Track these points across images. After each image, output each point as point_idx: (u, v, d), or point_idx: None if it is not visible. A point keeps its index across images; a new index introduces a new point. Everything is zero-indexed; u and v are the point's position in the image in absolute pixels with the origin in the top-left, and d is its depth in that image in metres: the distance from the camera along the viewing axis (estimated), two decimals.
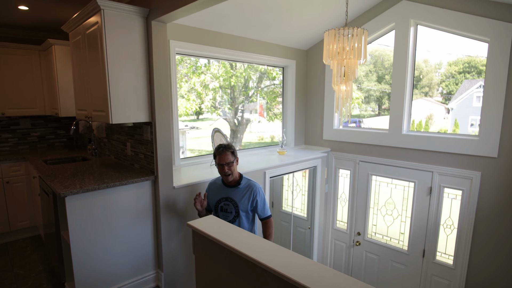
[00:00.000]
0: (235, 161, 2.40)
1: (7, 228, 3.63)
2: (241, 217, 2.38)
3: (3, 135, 4.12)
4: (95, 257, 2.32)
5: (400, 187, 3.89)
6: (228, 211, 2.40)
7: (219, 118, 4.31)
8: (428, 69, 3.98)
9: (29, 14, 3.32)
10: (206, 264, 1.50)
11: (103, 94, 2.31)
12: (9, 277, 2.90)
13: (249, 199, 2.38)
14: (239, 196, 2.38)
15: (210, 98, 4.18)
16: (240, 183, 2.41)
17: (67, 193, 2.12)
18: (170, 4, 2.14)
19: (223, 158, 2.34)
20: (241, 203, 2.38)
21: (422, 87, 4.01)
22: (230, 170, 2.36)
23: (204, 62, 3.93)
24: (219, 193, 2.45)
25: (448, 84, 3.93)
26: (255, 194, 2.38)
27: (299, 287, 1.05)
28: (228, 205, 2.40)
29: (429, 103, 4.00)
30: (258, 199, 2.39)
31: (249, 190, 2.39)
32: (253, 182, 2.44)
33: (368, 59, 4.28)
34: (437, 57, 3.86)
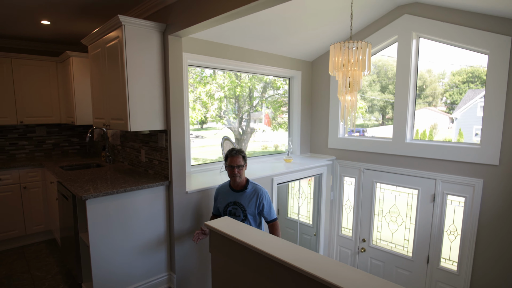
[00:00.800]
0: (244, 165, 2.53)
1: (23, 232, 3.76)
2: (249, 220, 2.49)
3: (20, 142, 4.28)
4: (112, 258, 2.43)
5: (404, 195, 3.97)
6: (236, 215, 2.50)
7: (223, 127, 4.42)
8: (432, 79, 4.03)
9: (49, 28, 3.51)
10: (222, 261, 1.62)
11: (122, 104, 2.46)
12: (26, 278, 3.01)
13: (255, 203, 2.48)
14: (246, 200, 2.49)
15: (216, 107, 4.31)
16: (247, 188, 2.52)
17: (88, 196, 2.25)
18: (186, 21, 2.31)
19: (235, 160, 2.47)
20: (248, 207, 2.49)
21: (425, 96, 4.05)
22: (239, 173, 2.48)
23: (209, 72, 4.07)
24: (227, 198, 2.56)
25: (452, 94, 3.97)
26: (261, 198, 2.49)
27: (312, 278, 1.16)
28: (236, 209, 2.50)
29: (433, 112, 4.05)
30: (264, 202, 2.50)
31: (256, 194, 2.50)
32: (259, 187, 2.55)
33: (371, 69, 4.42)
34: (440, 67, 3.93)
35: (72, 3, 2.67)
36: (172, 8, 2.45)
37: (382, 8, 3.70)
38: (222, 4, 2.01)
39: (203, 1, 2.17)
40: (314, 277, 1.15)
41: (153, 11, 2.64)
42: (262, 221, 2.65)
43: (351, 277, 1.12)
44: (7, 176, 3.62)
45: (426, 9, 3.51)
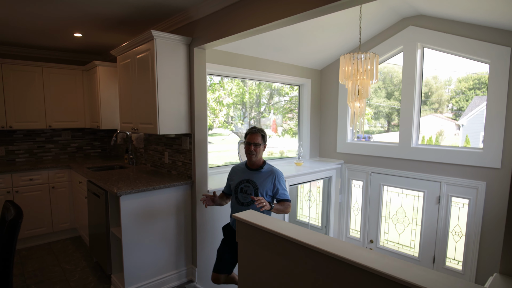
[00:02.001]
0: (262, 145, 2.48)
1: (50, 229, 4.02)
2: None
3: (47, 145, 4.57)
4: (141, 251, 2.66)
5: (411, 197, 4.15)
6: (247, 193, 2.46)
7: (230, 134, 4.57)
8: (438, 86, 4.11)
9: (80, 40, 3.81)
10: (248, 247, 1.84)
11: (152, 109, 2.72)
12: (57, 271, 3.25)
13: (271, 183, 2.44)
14: (260, 179, 2.45)
15: (224, 113, 4.51)
16: (262, 168, 2.50)
17: (122, 193, 2.49)
18: (210, 35, 2.57)
19: (253, 137, 2.44)
20: (262, 186, 2.43)
21: (431, 103, 4.13)
22: (256, 151, 2.43)
23: (218, 79, 4.28)
24: (241, 175, 2.53)
25: (458, 101, 4.02)
26: (278, 179, 2.45)
27: (333, 257, 1.38)
28: (248, 186, 2.46)
29: (439, 119, 4.13)
30: (279, 185, 2.45)
31: (272, 174, 2.46)
32: (275, 168, 2.52)
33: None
34: (446, 74, 3.98)
35: (106, 18, 2.95)
36: (198, 23, 2.71)
37: (388, 20, 3.93)
38: (245, 22, 2.27)
39: (227, 18, 2.43)
40: (329, 253, 1.37)
41: (179, 25, 2.91)
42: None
43: (365, 256, 1.33)
44: (38, 176, 3.89)
45: (430, 21, 3.74)
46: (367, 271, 1.25)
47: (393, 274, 1.16)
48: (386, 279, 1.19)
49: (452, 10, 3.37)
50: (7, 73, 3.89)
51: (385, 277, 1.18)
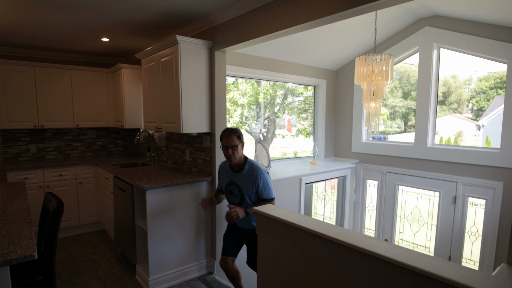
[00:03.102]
0: (240, 145, 2.41)
1: (77, 222, 4.26)
2: (246, 201, 2.43)
3: (74, 143, 4.83)
4: (164, 242, 2.82)
5: (426, 197, 4.17)
6: (235, 194, 2.48)
7: (244, 133, 4.68)
8: (457, 85, 4.05)
9: (107, 44, 4.03)
10: (268, 239, 1.96)
11: (176, 109, 2.88)
12: (85, 261, 3.46)
13: (252, 183, 2.39)
14: (243, 181, 2.42)
15: (239, 113, 4.62)
16: (243, 168, 2.44)
17: (148, 187, 2.66)
18: (231, 39, 2.71)
19: (229, 140, 2.37)
20: (245, 188, 2.41)
21: (450, 103, 4.08)
22: (234, 154, 2.38)
23: (232, 80, 4.40)
24: (227, 177, 2.54)
25: (478, 100, 3.97)
26: (257, 178, 2.38)
27: (349, 246, 1.49)
28: (234, 189, 2.47)
29: (458, 119, 4.09)
30: (260, 183, 2.39)
31: (252, 175, 2.40)
32: (255, 166, 2.43)
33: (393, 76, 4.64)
34: (466, 73, 3.90)
35: (133, 23, 3.14)
36: (219, 28, 2.86)
37: (404, 21, 3.97)
38: (264, 28, 2.39)
39: (247, 24, 2.56)
40: (344, 243, 1.48)
41: (201, 30, 3.07)
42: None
43: (378, 245, 1.42)
44: (67, 172, 4.13)
45: (446, 21, 3.76)
46: (379, 259, 1.35)
47: (403, 260, 1.25)
48: (397, 266, 1.29)
49: (469, 11, 3.39)
50: (39, 75, 4.15)
51: (396, 264, 1.28)
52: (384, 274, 1.35)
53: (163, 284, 2.83)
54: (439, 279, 1.13)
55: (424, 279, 1.20)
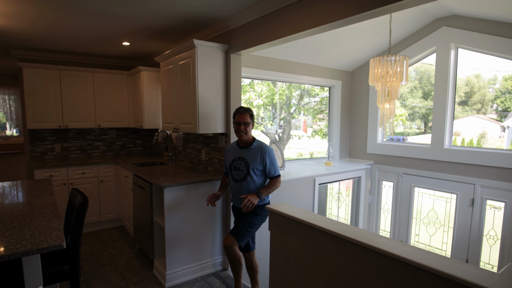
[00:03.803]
0: (251, 124, 2.57)
1: (98, 219, 4.45)
2: (251, 174, 2.54)
3: (96, 143, 5.04)
4: (181, 238, 2.93)
5: (443, 199, 4.12)
6: (240, 169, 2.58)
7: (260, 134, 4.72)
8: (481, 85, 3.92)
9: (127, 48, 4.20)
10: (280, 236, 2.02)
11: (192, 110, 2.99)
12: (106, 255, 3.62)
13: (260, 158, 2.53)
14: (251, 156, 2.55)
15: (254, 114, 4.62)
16: (252, 144, 2.59)
17: (166, 185, 2.77)
18: (246, 42, 2.79)
19: (242, 117, 2.52)
20: (252, 162, 2.54)
21: (473, 103, 3.96)
22: (246, 130, 2.53)
23: (248, 81, 4.46)
24: (234, 154, 2.66)
25: (504, 101, 3.83)
26: (264, 154, 2.53)
27: (356, 243, 1.53)
28: (240, 164, 2.58)
29: (482, 120, 3.97)
30: (267, 159, 2.53)
31: (260, 150, 2.55)
32: (264, 144, 2.60)
33: (412, 75, 4.58)
34: (491, 72, 3.77)
35: (152, 28, 3.27)
36: (234, 32, 2.95)
37: (420, 21, 3.94)
38: (279, 31, 2.46)
39: (262, 27, 2.63)
40: (357, 241, 1.52)
41: (217, 34, 3.16)
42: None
43: (386, 242, 1.46)
44: (89, 170, 4.33)
45: (464, 21, 3.70)
46: (386, 256, 1.39)
47: (409, 257, 1.29)
48: (403, 262, 1.32)
49: (489, 11, 3.33)
50: (64, 78, 4.37)
51: (402, 260, 1.32)
52: (393, 271, 1.39)
53: (179, 279, 2.93)
54: (443, 276, 1.16)
55: (429, 276, 1.23)
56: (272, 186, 2.56)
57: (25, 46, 4.12)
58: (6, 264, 1.79)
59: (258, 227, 2.63)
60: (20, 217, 1.90)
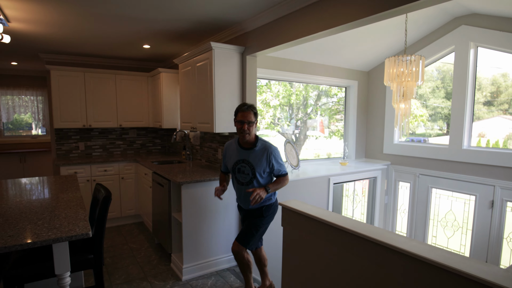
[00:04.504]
0: (255, 122, 2.38)
1: (118, 214, 4.63)
2: (257, 178, 2.41)
3: (117, 142, 5.25)
4: (198, 234, 3.03)
5: (461, 200, 4.04)
6: (245, 173, 2.43)
7: (276, 135, 4.76)
8: (508, 84, 3.80)
9: (147, 50, 4.36)
10: (292, 232, 2.08)
11: (209, 110, 3.09)
12: (126, 249, 3.78)
13: (266, 161, 2.37)
14: (255, 159, 2.39)
15: (271, 115, 4.72)
16: (256, 145, 2.41)
17: (183, 182, 2.88)
18: (262, 44, 2.86)
19: (245, 115, 2.32)
20: (258, 166, 2.38)
21: (500, 103, 3.84)
22: (249, 130, 2.34)
23: (265, 82, 4.51)
24: (235, 155, 2.49)
25: None
26: (270, 156, 2.37)
27: (368, 239, 1.57)
28: (245, 167, 2.41)
29: (509, 121, 3.86)
30: (274, 161, 2.38)
31: (265, 152, 2.38)
32: (268, 144, 2.43)
33: (434, 75, 4.49)
34: None
35: (172, 32, 3.40)
36: (250, 34, 3.03)
37: (438, 20, 3.90)
38: (293, 33, 2.52)
39: (277, 29, 2.70)
40: (369, 238, 1.57)
41: (233, 36, 3.26)
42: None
43: (399, 240, 1.50)
44: (111, 168, 4.52)
45: (484, 19, 3.64)
46: (397, 251, 1.43)
47: (416, 252, 1.32)
48: (411, 257, 1.36)
49: (508, 8, 3.27)
50: (88, 80, 4.59)
51: (409, 255, 1.35)
52: (407, 269, 1.42)
53: (195, 273, 3.04)
54: (450, 270, 1.19)
55: (437, 271, 1.26)
56: (280, 183, 2.45)
57: (53, 50, 4.36)
58: (38, 250, 1.93)
59: (265, 228, 2.57)
60: (49, 209, 2.05)
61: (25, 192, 2.61)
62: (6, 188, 2.70)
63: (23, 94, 6.43)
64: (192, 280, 2.99)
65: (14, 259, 1.89)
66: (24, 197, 2.42)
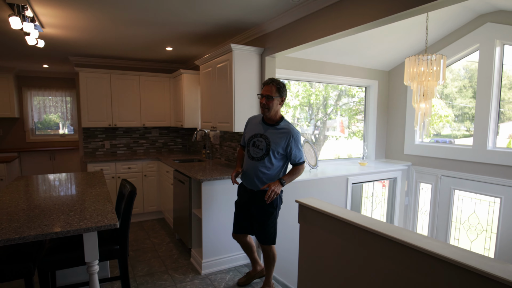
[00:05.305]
0: (277, 98, 2.29)
1: (141, 210, 4.81)
2: (270, 156, 2.33)
3: (140, 141, 5.45)
4: (217, 229, 3.12)
5: (485, 202, 3.93)
6: (259, 148, 2.35)
7: None
8: None
9: (170, 52, 4.51)
10: (309, 229, 2.12)
11: (229, 110, 3.18)
12: (148, 243, 3.93)
13: (286, 141, 2.30)
14: (275, 136, 2.32)
15: (291, 115, 4.74)
16: (279, 124, 2.36)
17: (203, 179, 2.98)
18: (281, 45, 2.92)
19: (266, 89, 2.29)
20: (275, 143, 2.30)
21: None
22: (268, 105, 2.28)
23: (284, 82, 4.51)
24: (255, 129, 2.44)
25: None
26: (291, 138, 2.30)
27: (383, 236, 1.59)
28: (261, 142, 2.35)
29: None
30: (293, 145, 2.31)
31: (287, 133, 2.31)
32: (292, 127, 2.36)
33: (461, 74, 4.37)
34: None
35: (193, 34, 3.52)
36: (269, 35, 3.09)
37: (462, 18, 3.81)
38: (312, 34, 2.56)
39: (296, 31, 2.75)
40: (384, 234, 1.59)
41: (252, 38, 3.33)
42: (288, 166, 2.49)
43: (417, 238, 1.51)
44: (134, 166, 4.70)
45: (510, 16, 3.53)
46: (407, 247, 1.44)
47: (426, 247, 1.34)
48: (439, 259, 1.37)
49: None
50: (114, 81, 4.79)
51: (439, 257, 1.37)
52: (426, 268, 1.44)
53: (214, 267, 3.13)
54: (459, 265, 1.20)
55: (450, 267, 1.27)
56: (296, 173, 2.36)
57: (81, 53, 4.59)
58: (69, 240, 2.07)
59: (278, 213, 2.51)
60: (79, 202, 2.19)
61: (57, 187, 2.79)
62: (40, 183, 2.89)
63: (52, 95, 6.78)
64: (211, 275, 3.08)
65: (47, 248, 2.03)
66: (56, 191, 2.59)
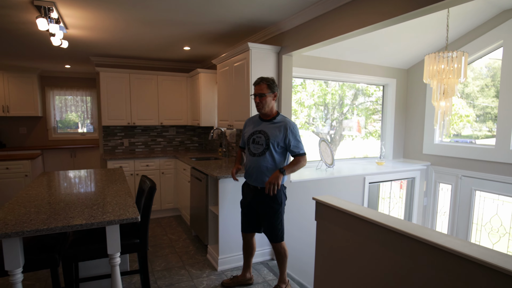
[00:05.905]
0: (269, 95, 2.37)
1: (158, 207, 4.90)
2: (270, 149, 2.39)
3: (158, 139, 5.55)
4: (233, 226, 3.15)
5: (508, 204, 3.81)
6: (259, 143, 2.42)
7: (311, 135, 4.74)
8: None
9: (187, 52, 4.59)
10: (326, 226, 2.12)
11: (245, 109, 3.20)
12: (165, 239, 4.01)
13: (283, 133, 2.37)
14: (272, 130, 2.40)
15: (305, 114, 4.72)
16: (275, 118, 2.45)
17: (220, 177, 3.02)
18: (298, 44, 2.92)
19: (257, 88, 2.37)
20: (273, 136, 2.38)
21: None
22: (261, 103, 2.37)
23: (300, 81, 4.52)
24: (254, 126, 2.53)
25: None
26: (287, 129, 2.37)
27: (397, 232, 1.58)
28: (260, 137, 2.42)
29: None
30: (291, 136, 2.37)
31: (283, 125, 2.39)
32: (288, 120, 2.45)
33: (483, 72, 4.25)
34: None
35: (211, 34, 3.56)
36: (286, 34, 3.10)
37: (484, 14, 3.71)
38: (330, 31, 2.55)
39: (313, 29, 2.75)
40: (399, 231, 1.58)
41: (269, 36, 3.34)
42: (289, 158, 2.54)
43: (434, 235, 1.49)
44: (152, 163, 4.80)
45: None
46: (418, 241, 1.43)
47: (440, 243, 1.32)
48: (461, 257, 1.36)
49: None
50: (133, 81, 4.91)
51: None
52: (447, 266, 1.42)
53: (230, 264, 3.16)
54: (482, 263, 1.19)
55: (473, 265, 1.25)
56: (297, 164, 2.40)
57: (102, 53, 4.73)
58: (91, 233, 2.15)
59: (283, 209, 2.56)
60: (102, 196, 2.27)
61: (79, 182, 2.89)
62: (62, 178, 3.00)
63: (73, 95, 7.00)
64: (227, 271, 3.12)
65: (71, 240, 2.11)
66: (79, 186, 2.68)
